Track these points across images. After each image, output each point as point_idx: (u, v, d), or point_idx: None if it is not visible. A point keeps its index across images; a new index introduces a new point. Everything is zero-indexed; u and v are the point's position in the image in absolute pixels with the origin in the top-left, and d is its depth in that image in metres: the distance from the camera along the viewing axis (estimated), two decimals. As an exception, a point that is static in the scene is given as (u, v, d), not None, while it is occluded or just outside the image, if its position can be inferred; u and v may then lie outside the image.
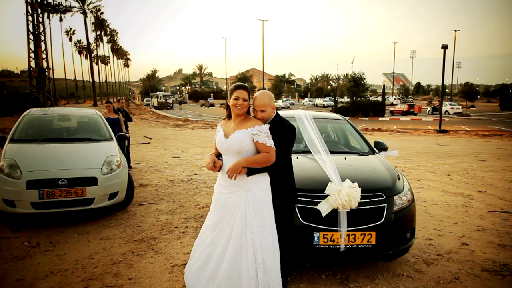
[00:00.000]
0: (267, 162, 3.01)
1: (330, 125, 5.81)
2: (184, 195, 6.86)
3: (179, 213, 5.76)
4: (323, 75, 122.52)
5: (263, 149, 3.00)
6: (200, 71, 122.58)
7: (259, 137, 3.01)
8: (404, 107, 44.30)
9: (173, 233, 4.88)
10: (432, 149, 16.10)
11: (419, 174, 9.70)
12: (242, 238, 2.97)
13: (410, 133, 24.20)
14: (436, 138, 21.05)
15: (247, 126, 3.07)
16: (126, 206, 5.92)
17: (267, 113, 3.15)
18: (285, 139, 3.14)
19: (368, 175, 4.05)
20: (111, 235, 4.80)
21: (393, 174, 4.06)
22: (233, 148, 3.04)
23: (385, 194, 3.67)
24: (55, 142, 5.88)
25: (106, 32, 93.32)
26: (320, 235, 3.45)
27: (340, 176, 3.68)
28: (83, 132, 6.55)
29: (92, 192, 5.07)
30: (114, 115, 9.05)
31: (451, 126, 27.18)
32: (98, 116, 6.90)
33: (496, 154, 14.08)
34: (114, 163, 5.43)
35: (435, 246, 4.65)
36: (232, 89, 3.15)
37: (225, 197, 3.11)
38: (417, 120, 35.55)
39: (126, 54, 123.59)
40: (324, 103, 61.50)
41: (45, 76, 27.68)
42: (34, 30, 26.69)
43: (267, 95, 3.22)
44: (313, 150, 4.23)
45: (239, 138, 3.02)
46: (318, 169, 3.89)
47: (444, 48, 25.83)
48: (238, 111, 3.08)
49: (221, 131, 3.22)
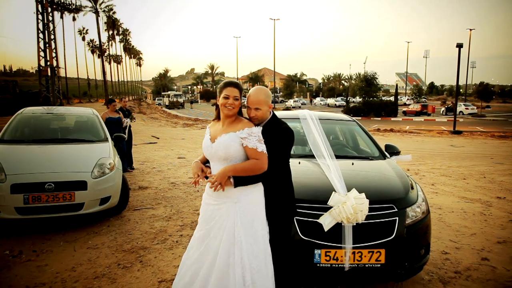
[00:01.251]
0: (257, 170, 2.63)
1: (337, 126, 5.40)
2: (183, 199, 6.52)
3: (176, 219, 5.41)
4: (335, 74, 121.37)
5: (253, 155, 2.63)
6: (212, 70, 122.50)
7: (249, 141, 2.64)
8: (417, 107, 43.61)
9: (165, 242, 4.52)
10: (446, 150, 15.62)
11: (433, 177, 9.23)
12: (230, 257, 2.60)
13: (424, 134, 23.61)
14: (450, 139, 20.49)
15: (236, 129, 2.70)
16: (121, 211, 5.60)
17: (262, 112, 2.78)
18: (282, 144, 2.77)
19: (377, 184, 3.63)
20: (99, 243, 4.47)
21: (405, 182, 3.64)
22: (219, 154, 2.68)
23: (397, 205, 3.25)
24: (45, 143, 5.57)
25: (118, 32, 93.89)
26: (322, 253, 3.05)
27: (346, 184, 3.28)
28: (77, 133, 6.23)
29: (81, 197, 4.75)
30: (116, 115, 8.78)
31: (465, 127, 26.50)
32: (94, 115, 6.58)
33: (514, 156, 13.51)
34: (106, 166, 5.10)
35: (452, 262, 4.21)
36: (221, 86, 2.79)
37: (212, 209, 2.75)
38: (431, 121, 34.79)
39: (139, 53, 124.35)
40: (336, 103, 60.92)
41: (55, 74, 27.68)
42: (44, 29, 26.73)
43: (263, 91, 2.85)
44: (317, 154, 3.85)
45: (225, 142, 2.66)
46: (321, 176, 3.50)
47: (459, 47, 25.25)
48: (227, 112, 2.71)
49: (208, 133, 2.86)
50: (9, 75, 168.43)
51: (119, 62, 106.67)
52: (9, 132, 5.71)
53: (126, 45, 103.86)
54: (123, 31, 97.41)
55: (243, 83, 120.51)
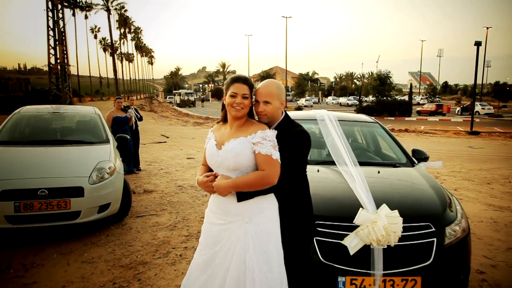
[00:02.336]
0: (265, 184, 2.19)
1: (358, 128, 4.92)
2: (190, 205, 6.10)
3: (181, 228, 4.99)
4: (347, 73, 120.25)
5: (265, 164, 2.18)
6: (223, 69, 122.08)
7: (262, 146, 2.19)
8: (432, 107, 42.74)
9: (168, 256, 4.10)
10: (465, 152, 15.01)
11: (454, 182, 8.68)
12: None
13: (440, 134, 22.90)
14: (467, 140, 19.81)
15: (247, 133, 2.25)
16: (122, 218, 5.20)
17: (273, 108, 2.33)
18: (296, 150, 2.30)
19: (410, 198, 3.14)
20: (95, 257, 4.07)
21: (442, 195, 3.15)
22: (227, 164, 2.23)
23: (434, 224, 2.77)
24: (41, 145, 5.18)
25: (130, 30, 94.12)
26: (347, 280, 2.58)
27: (373, 197, 2.81)
28: (76, 134, 5.83)
29: (77, 204, 4.35)
30: (123, 114, 8.42)
31: (483, 128, 25.67)
32: (96, 115, 6.17)
33: (537, 159, 12.93)
34: (105, 170, 4.70)
35: (490, 284, 3.71)
36: (228, 83, 2.33)
37: (218, 230, 2.30)
38: (446, 121, 33.92)
39: (150, 51, 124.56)
40: (348, 102, 60.15)
41: (65, 72, 27.56)
42: (54, 26, 26.61)
43: (275, 83, 2.41)
44: (337, 160, 3.37)
45: (235, 149, 2.21)
46: (344, 188, 3.03)
47: (478, 45, 24.55)
48: (235, 113, 2.27)
49: (213, 138, 2.40)
50: (23, 73, 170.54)
51: (131, 60, 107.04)
52: (3, 133, 5.33)
53: (137, 43, 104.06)
54: (134, 29, 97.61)
55: (254, 82, 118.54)
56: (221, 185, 2.20)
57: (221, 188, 2.20)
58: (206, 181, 2.29)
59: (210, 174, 2.31)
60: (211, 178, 2.29)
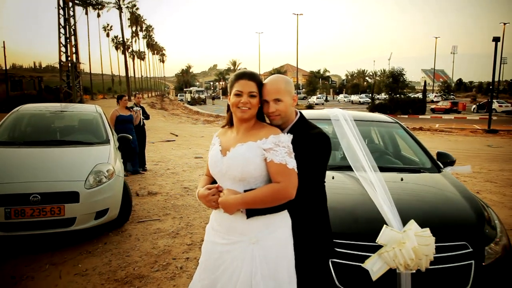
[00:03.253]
0: (281, 199, 1.82)
1: (376, 129, 4.51)
2: (195, 209, 5.76)
3: (183, 235, 4.65)
4: (359, 71, 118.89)
5: (279, 174, 1.81)
6: (234, 66, 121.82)
7: (276, 153, 1.82)
8: (447, 104, 41.73)
9: (167, 268, 3.75)
10: (484, 151, 14.47)
11: (476, 184, 8.21)
12: None
13: (456, 132, 22.24)
14: (485, 139, 19.19)
15: (257, 137, 1.89)
16: (122, 224, 4.89)
17: (285, 105, 1.96)
18: (315, 157, 1.93)
19: (441, 211, 2.73)
20: (90, 268, 3.74)
21: (477, 207, 2.75)
22: (233, 173, 1.87)
23: (471, 243, 2.38)
24: (37, 145, 4.87)
25: (141, 28, 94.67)
26: (369, 310, 2.22)
27: (398, 210, 2.42)
28: (75, 134, 5.51)
29: (72, 211, 4.04)
30: (127, 112, 8.12)
31: (500, 126, 24.89)
32: (97, 114, 5.85)
33: (561, 158, 12.47)
34: (103, 173, 4.38)
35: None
36: (232, 80, 1.97)
37: (221, 251, 1.94)
38: (462, 119, 33.07)
39: (162, 49, 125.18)
40: (360, 99, 59.39)
41: (75, 70, 27.51)
42: (65, 24, 26.55)
43: (282, 77, 2.04)
44: (355, 165, 2.98)
45: (243, 155, 1.85)
46: (363, 200, 2.65)
47: (496, 41, 23.82)
48: (241, 114, 1.91)
49: (218, 143, 2.05)
50: (38, 71, 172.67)
51: (143, 58, 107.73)
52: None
53: (149, 41, 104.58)
54: (146, 27, 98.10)
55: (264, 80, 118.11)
56: (228, 201, 1.84)
57: (228, 205, 1.84)
58: (207, 194, 1.93)
59: (212, 187, 1.95)
60: (213, 191, 1.93)
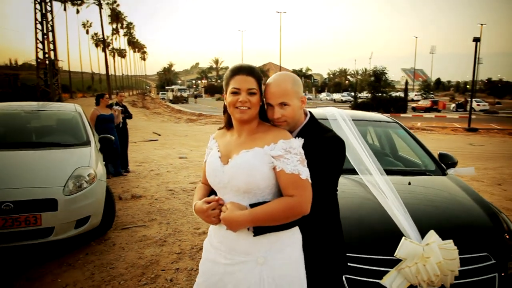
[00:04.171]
0: (296, 214, 1.58)
1: (375, 129, 4.32)
2: (182, 213, 5.46)
3: (172, 243, 4.35)
4: (341, 70, 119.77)
5: (292, 186, 1.56)
6: (217, 64, 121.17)
7: (287, 162, 1.57)
8: (427, 103, 42.52)
9: (156, 281, 3.45)
10: (466, 150, 14.63)
11: (464, 183, 8.15)
12: None
13: (437, 131, 22.53)
14: (467, 137, 19.53)
15: (263, 142, 1.64)
16: (105, 232, 4.56)
17: (292, 110, 1.71)
18: (329, 165, 1.69)
19: (457, 219, 2.53)
20: (70, 283, 3.41)
21: (493, 214, 2.57)
22: (236, 183, 1.61)
23: (493, 254, 2.19)
24: (10, 148, 4.47)
25: (122, 25, 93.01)
26: (388, 333, 2.00)
27: (411, 218, 2.22)
28: (53, 135, 5.10)
29: (50, 220, 3.69)
30: (108, 111, 7.74)
31: (480, 124, 25.35)
32: (76, 113, 5.46)
33: (539, 157, 12.78)
34: (84, 178, 4.04)
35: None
36: (227, 76, 1.70)
37: (222, 272, 1.68)
38: (442, 117, 33.58)
39: (143, 47, 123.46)
40: (342, 98, 59.90)
41: (53, 67, 26.62)
42: (42, 20, 25.64)
43: (289, 76, 1.76)
44: (359, 168, 2.77)
45: (249, 164, 1.60)
46: (374, 207, 2.43)
47: (477, 41, 24.26)
48: (240, 115, 1.65)
49: (216, 149, 1.78)
50: (15, 68, 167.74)
51: (123, 56, 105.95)
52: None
53: (130, 39, 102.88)
54: (127, 25, 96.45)
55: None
56: (234, 218, 1.57)
57: (234, 222, 1.58)
58: (206, 209, 1.66)
59: (211, 200, 1.68)
60: (213, 205, 1.66)
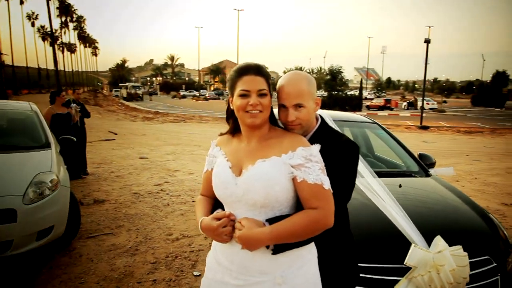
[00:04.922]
0: (319, 229, 1.42)
1: (354, 130, 4.27)
2: (151, 218, 5.18)
3: (144, 251, 4.08)
4: (296, 67, 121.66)
5: (316, 198, 1.40)
6: (172, 61, 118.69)
7: (309, 171, 1.41)
8: (381, 102, 44.22)
9: (133, 296, 3.21)
10: (421, 147, 15.19)
11: (425, 180, 8.42)
12: None
13: (392, 129, 23.29)
14: (420, 135, 20.45)
15: (279, 150, 1.46)
16: (69, 242, 4.19)
17: (308, 112, 1.57)
18: (346, 171, 1.56)
19: (454, 222, 2.51)
20: (34, 302, 3.09)
21: (485, 215, 2.57)
22: (253, 197, 1.42)
23: (494, 257, 2.17)
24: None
25: (72, 19, 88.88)
26: None
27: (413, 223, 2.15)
28: (7, 136, 4.62)
29: (8, 232, 3.31)
30: (64, 110, 7.23)
31: (430, 122, 26.72)
32: (32, 112, 5.00)
33: (487, 153, 13.59)
34: (46, 184, 3.67)
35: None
36: (233, 77, 1.50)
37: None
38: (395, 115, 35.01)
39: (94, 42, 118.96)
40: (299, 96, 60.68)
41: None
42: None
43: (304, 76, 1.60)
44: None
45: (267, 175, 1.41)
46: (374, 212, 2.34)
47: (427, 42, 25.64)
48: (252, 120, 1.46)
49: (223, 157, 1.57)
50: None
51: (73, 51, 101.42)
52: None
53: (80, 33, 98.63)
54: (77, 18, 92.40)
55: (203, 75, 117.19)
56: (253, 237, 1.37)
57: (253, 241, 1.38)
58: (217, 227, 1.45)
59: (221, 216, 1.47)
60: (224, 221, 1.45)
